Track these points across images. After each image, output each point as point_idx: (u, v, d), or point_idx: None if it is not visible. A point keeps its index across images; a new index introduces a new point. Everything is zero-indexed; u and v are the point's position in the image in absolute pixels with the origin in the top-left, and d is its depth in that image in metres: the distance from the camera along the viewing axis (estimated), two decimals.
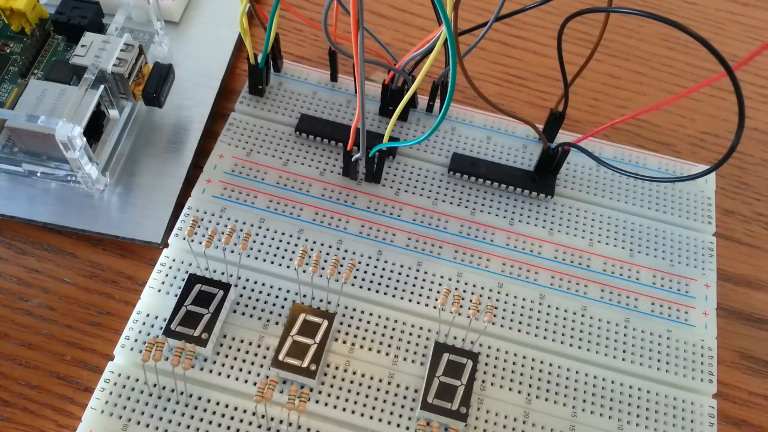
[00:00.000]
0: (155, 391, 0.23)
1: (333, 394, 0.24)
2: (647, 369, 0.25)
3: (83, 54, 0.26)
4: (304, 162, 0.29)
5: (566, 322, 0.26)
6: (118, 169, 0.28)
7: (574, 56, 0.34)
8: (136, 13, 0.31)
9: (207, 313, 0.24)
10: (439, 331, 0.25)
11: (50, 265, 0.26)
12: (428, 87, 0.30)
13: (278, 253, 0.26)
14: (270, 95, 0.30)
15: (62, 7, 0.29)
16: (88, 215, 0.27)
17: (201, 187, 0.28)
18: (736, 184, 0.31)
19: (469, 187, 0.29)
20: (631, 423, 0.24)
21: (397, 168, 0.29)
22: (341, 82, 0.31)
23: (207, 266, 0.26)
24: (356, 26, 0.20)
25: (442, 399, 0.23)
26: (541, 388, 0.24)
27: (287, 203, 0.28)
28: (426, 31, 0.35)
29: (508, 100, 0.33)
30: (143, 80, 0.27)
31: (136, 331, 0.24)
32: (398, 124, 0.30)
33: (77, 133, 0.24)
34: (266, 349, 0.24)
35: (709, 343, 0.26)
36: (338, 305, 0.25)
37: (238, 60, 0.33)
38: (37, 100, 0.25)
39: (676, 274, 0.27)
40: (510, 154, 0.30)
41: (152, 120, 0.30)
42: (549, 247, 0.27)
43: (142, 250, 0.27)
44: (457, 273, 0.26)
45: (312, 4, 0.35)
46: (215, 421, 0.23)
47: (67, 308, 0.26)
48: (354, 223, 0.27)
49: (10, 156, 0.27)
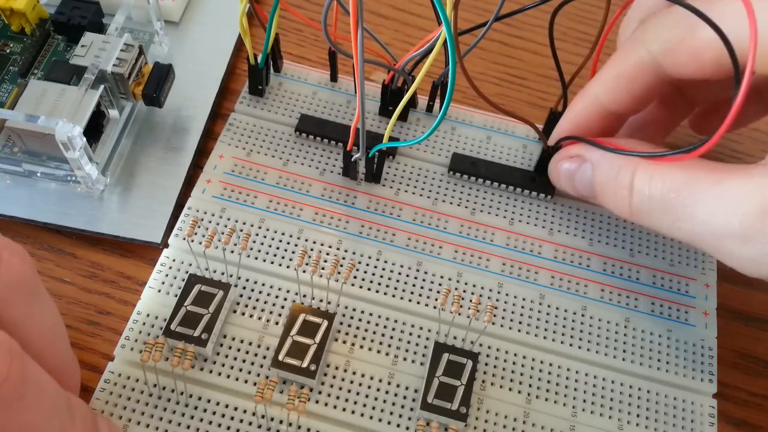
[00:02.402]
0: (155, 392, 0.23)
1: (333, 395, 0.24)
2: (647, 369, 0.25)
3: (83, 54, 0.26)
4: (304, 162, 0.29)
5: (566, 322, 0.26)
6: (118, 169, 0.28)
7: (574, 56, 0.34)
8: (136, 13, 0.31)
9: (207, 313, 0.24)
10: (439, 331, 0.25)
11: (50, 265, 0.26)
12: (428, 87, 0.30)
13: (278, 253, 0.26)
14: (270, 95, 0.30)
15: (62, 7, 0.29)
16: (88, 215, 0.27)
17: (201, 187, 0.28)
18: None
19: (469, 187, 0.29)
20: (631, 423, 0.24)
21: (397, 168, 0.29)
22: (341, 82, 0.31)
23: (207, 266, 0.26)
24: (356, 26, 0.20)
25: (442, 399, 0.23)
26: (541, 388, 0.24)
27: (287, 203, 0.28)
28: (426, 31, 0.35)
29: (508, 100, 0.33)
30: (143, 80, 0.27)
31: (136, 331, 0.24)
32: (398, 124, 0.30)
33: (77, 133, 0.24)
34: (266, 349, 0.24)
35: (709, 343, 0.26)
36: (338, 305, 0.25)
37: (238, 60, 0.33)
38: (37, 100, 0.25)
39: (676, 274, 0.27)
40: (510, 154, 0.30)
41: (152, 120, 0.30)
42: (549, 247, 0.27)
43: (142, 250, 0.27)
44: (457, 273, 0.26)
45: (312, 4, 0.35)
46: (215, 422, 0.23)
47: (66, 308, 0.26)
48: (354, 223, 0.27)
49: (10, 156, 0.27)
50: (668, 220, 0.22)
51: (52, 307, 0.20)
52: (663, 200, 0.21)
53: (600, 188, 0.24)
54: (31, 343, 0.18)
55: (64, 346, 0.21)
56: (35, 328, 0.19)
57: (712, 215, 0.20)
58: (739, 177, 0.20)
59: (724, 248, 0.21)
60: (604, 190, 0.24)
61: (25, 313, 0.19)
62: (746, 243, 0.20)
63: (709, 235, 0.21)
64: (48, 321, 0.20)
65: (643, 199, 0.22)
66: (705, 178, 0.21)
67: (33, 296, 0.19)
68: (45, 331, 0.19)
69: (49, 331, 0.20)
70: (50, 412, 0.18)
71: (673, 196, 0.21)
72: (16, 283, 0.18)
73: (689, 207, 0.21)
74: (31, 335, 0.19)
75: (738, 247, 0.20)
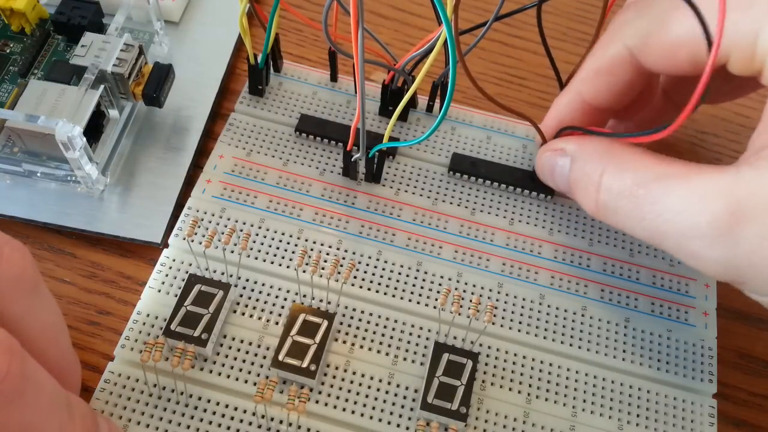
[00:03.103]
0: (155, 392, 0.23)
1: (333, 395, 0.24)
2: (647, 369, 0.25)
3: (83, 54, 0.26)
4: (304, 162, 0.29)
5: (566, 322, 0.26)
6: (118, 169, 0.28)
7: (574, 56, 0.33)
8: (136, 13, 0.31)
9: (207, 313, 0.24)
10: (439, 331, 0.25)
11: (50, 265, 0.26)
12: (428, 87, 0.30)
13: (278, 253, 0.26)
14: (270, 95, 0.30)
15: (62, 7, 0.29)
16: (88, 215, 0.27)
17: (201, 187, 0.28)
18: None
19: (469, 187, 0.29)
20: (631, 423, 0.24)
21: (397, 168, 0.29)
22: (341, 82, 0.31)
23: (207, 266, 0.26)
24: (356, 26, 0.20)
25: (442, 399, 0.23)
26: (541, 388, 0.24)
27: (287, 203, 0.28)
28: (426, 31, 0.35)
29: (508, 100, 0.33)
30: (143, 80, 0.27)
31: (136, 331, 0.24)
32: (398, 124, 0.30)
33: (77, 133, 0.24)
34: (266, 349, 0.24)
35: (709, 343, 0.26)
36: (338, 305, 0.25)
37: (238, 60, 0.33)
38: (37, 100, 0.25)
39: (676, 274, 0.27)
40: (510, 154, 0.30)
41: (152, 120, 0.30)
42: (549, 247, 0.27)
43: (142, 250, 0.27)
44: (457, 273, 0.26)
45: (312, 4, 0.35)
46: (215, 422, 0.23)
47: (66, 308, 0.25)
48: (354, 223, 0.27)
49: (10, 156, 0.27)
50: (634, 219, 0.21)
51: (53, 305, 0.20)
52: (630, 197, 0.21)
53: (573, 183, 0.23)
54: (32, 340, 0.18)
55: (65, 344, 0.21)
56: (36, 325, 0.19)
57: (679, 213, 0.19)
58: (711, 175, 0.19)
59: (691, 249, 0.20)
60: (577, 185, 0.23)
61: (26, 310, 0.18)
62: (714, 245, 0.19)
63: (676, 234, 0.20)
64: (49, 318, 0.20)
65: (610, 197, 0.21)
66: (675, 174, 0.20)
67: (34, 293, 0.19)
68: (46, 328, 0.19)
69: (50, 329, 0.20)
70: (49, 411, 0.18)
71: (641, 191, 0.20)
72: (16, 280, 0.18)
73: (657, 204, 0.20)
74: (31, 332, 0.19)
75: (704, 249, 0.19)
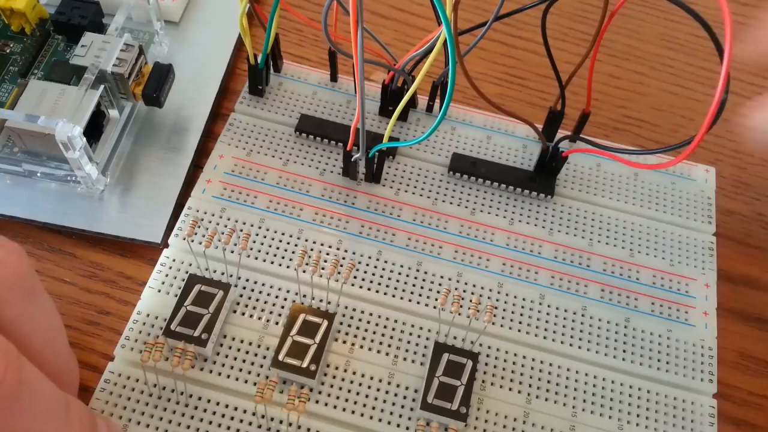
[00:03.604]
0: (155, 392, 0.23)
1: (333, 394, 0.24)
2: (647, 369, 0.25)
3: (83, 54, 0.26)
4: (304, 162, 0.29)
5: (566, 322, 0.26)
6: (118, 169, 0.28)
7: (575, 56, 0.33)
8: (136, 13, 0.31)
9: (207, 313, 0.24)
10: (439, 331, 0.25)
11: (50, 265, 0.26)
12: (428, 87, 0.30)
13: (278, 253, 0.26)
14: (270, 95, 0.30)
15: (62, 7, 0.29)
16: (88, 215, 0.27)
17: (201, 187, 0.28)
18: (736, 184, 0.31)
19: (469, 187, 0.29)
20: (631, 423, 0.24)
21: (397, 168, 0.29)
22: (341, 82, 0.31)
23: (207, 266, 0.26)
24: (356, 26, 0.20)
25: (442, 399, 0.23)
26: (541, 388, 0.24)
27: (287, 203, 0.28)
28: (426, 31, 0.35)
29: (508, 100, 0.33)
30: (143, 80, 0.27)
31: (136, 331, 0.24)
32: (398, 124, 0.30)
33: (77, 133, 0.24)
34: (266, 349, 0.24)
35: (709, 343, 0.26)
36: (338, 305, 0.25)
37: (238, 60, 0.33)
38: (37, 100, 0.25)
39: (676, 274, 0.27)
40: (510, 154, 0.30)
41: (152, 120, 0.30)
42: (549, 247, 0.27)
43: (142, 250, 0.27)
44: (457, 273, 0.26)
45: (312, 4, 0.35)
46: (215, 422, 0.23)
47: (66, 308, 0.26)
48: (354, 223, 0.27)
49: (10, 156, 0.27)
50: None
51: (50, 307, 0.20)
52: None
53: None
54: (29, 342, 0.18)
55: (63, 346, 0.21)
56: (33, 328, 0.19)
57: None
58: None
59: None
60: None
61: (23, 313, 0.18)
62: None
63: None
64: (46, 320, 0.20)
65: None
66: None
67: (30, 295, 0.19)
68: (43, 330, 0.19)
69: (47, 330, 0.20)
70: (47, 415, 0.18)
71: None
72: (13, 282, 0.18)
73: None
74: (28, 335, 0.19)
75: None
